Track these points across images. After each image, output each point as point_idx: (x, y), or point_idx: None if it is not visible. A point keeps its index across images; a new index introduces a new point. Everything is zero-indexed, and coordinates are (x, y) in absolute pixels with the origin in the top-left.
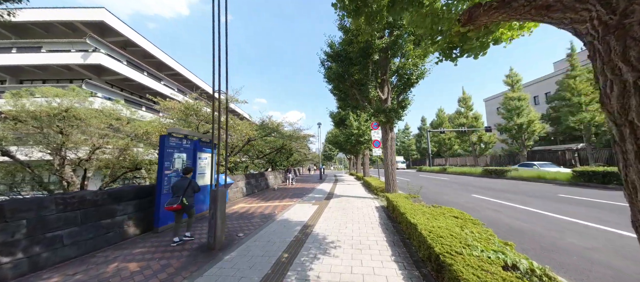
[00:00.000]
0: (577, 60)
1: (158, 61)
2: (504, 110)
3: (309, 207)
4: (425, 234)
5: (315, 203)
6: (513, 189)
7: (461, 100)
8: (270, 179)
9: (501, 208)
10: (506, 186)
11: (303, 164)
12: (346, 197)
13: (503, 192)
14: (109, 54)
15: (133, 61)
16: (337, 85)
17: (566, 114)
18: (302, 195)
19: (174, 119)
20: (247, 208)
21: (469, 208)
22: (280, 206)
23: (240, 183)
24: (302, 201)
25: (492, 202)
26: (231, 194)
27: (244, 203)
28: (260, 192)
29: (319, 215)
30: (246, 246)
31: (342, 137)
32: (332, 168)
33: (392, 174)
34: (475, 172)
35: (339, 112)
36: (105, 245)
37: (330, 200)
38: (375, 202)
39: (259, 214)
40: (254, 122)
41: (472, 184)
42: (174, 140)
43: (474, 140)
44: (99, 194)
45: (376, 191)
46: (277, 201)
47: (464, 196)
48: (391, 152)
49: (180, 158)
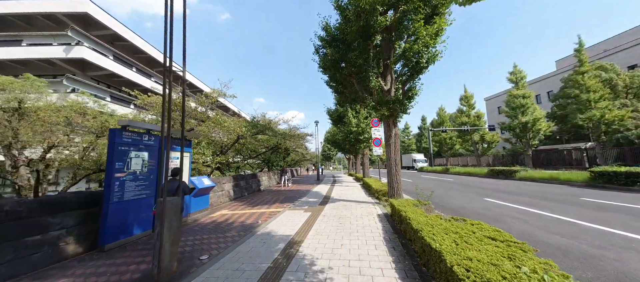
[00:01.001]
0: (585, 55)
1: (148, 57)
2: (508, 108)
3: (300, 215)
4: (462, 275)
5: (308, 210)
6: (527, 192)
7: (463, 98)
8: (263, 180)
9: (526, 216)
10: (518, 188)
11: (301, 164)
12: (344, 201)
13: (518, 195)
14: (94, 48)
15: (120, 56)
16: (333, 75)
17: (574, 112)
18: (295, 199)
19: (155, 115)
20: (228, 216)
21: (490, 218)
22: (267, 214)
23: (226, 185)
24: (293, 207)
25: (511, 208)
26: (214, 198)
27: (227, 209)
28: (250, 195)
29: (309, 227)
30: (204, 278)
31: (340, 135)
32: (331, 168)
33: (397, 175)
34: (480, 172)
35: (337, 109)
36: (28, 270)
37: (326, 206)
38: (377, 208)
39: (239, 225)
40: (244, 119)
41: (480, 185)
42: (129, 135)
43: (476, 139)
44: (23, 204)
45: (378, 194)
46: (265, 206)
47: (476, 201)
48: (395, 151)
49: (139, 158)
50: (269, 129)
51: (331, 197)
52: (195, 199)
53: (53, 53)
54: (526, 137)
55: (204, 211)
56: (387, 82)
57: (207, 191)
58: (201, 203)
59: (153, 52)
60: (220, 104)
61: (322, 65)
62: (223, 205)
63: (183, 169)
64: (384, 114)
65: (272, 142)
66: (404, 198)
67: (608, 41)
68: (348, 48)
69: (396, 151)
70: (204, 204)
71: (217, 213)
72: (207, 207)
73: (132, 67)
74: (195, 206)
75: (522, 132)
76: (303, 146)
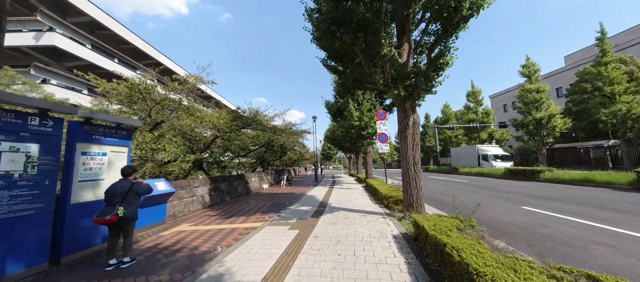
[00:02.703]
0: (608, 45)
1: (134, 48)
2: (521, 104)
3: (282, 235)
4: None
5: (295, 226)
6: (567, 197)
7: (470, 94)
8: (252, 182)
9: (610, 238)
10: (553, 192)
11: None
12: (344, 211)
13: (560, 201)
14: (69, 36)
15: (100, 45)
16: (330, 46)
17: (596, 107)
18: (282, 207)
19: (116, 104)
20: (182, 236)
21: (563, 243)
22: (238, 232)
23: (199, 190)
24: (276, 221)
25: (575, 224)
26: (180, 206)
27: (189, 223)
28: (233, 200)
29: (290, 261)
30: None
31: (340, 131)
32: (331, 168)
33: (416, 179)
34: (495, 172)
35: (337, 101)
36: None
37: (320, 218)
38: (389, 223)
39: (185, 256)
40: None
41: (503, 188)
42: None
43: (484, 137)
44: None
45: (387, 201)
46: (242, 218)
47: (515, 211)
48: (414, 145)
49: (19, 152)
50: (257, 122)
51: (328, 205)
52: (143, 210)
53: (22, 40)
54: (540, 135)
55: (156, 226)
56: (403, 51)
57: (162, 199)
58: (154, 215)
59: (139, 43)
60: (204, 93)
61: (315, 32)
62: (189, 216)
63: None
64: (399, 95)
65: (262, 138)
66: (430, 213)
67: (618, 36)
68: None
69: (415, 146)
70: (158, 216)
71: (171, 230)
72: (163, 220)
73: (113, 57)
74: (144, 220)
75: (535, 129)
76: (301, 144)
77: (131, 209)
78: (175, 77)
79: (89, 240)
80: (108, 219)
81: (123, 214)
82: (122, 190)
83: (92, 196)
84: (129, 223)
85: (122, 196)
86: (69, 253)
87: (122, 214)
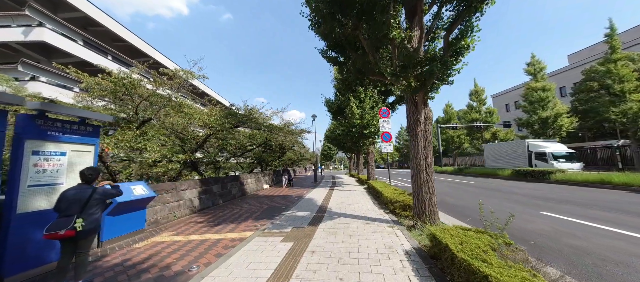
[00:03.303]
0: (618, 41)
1: (129, 45)
2: (526, 103)
3: (272, 249)
4: None
5: (289, 236)
6: (587, 200)
7: (473, 93)
8: (248, 183)
9: None
10: (570, 195)
11: (300, 163)
12: (345, 218)
13: (581, 206)
14: (60, 32)
15: (92, 42)
16: (330, 32)
17: (606, 105)
18: (278, 211)
19: (101, 100)
20: (160, 249)
21: (599, 255)
22: (223, 244)
23: (187, 193)
24: (268, 230)
25: (607, 232)
26: (164, 212)
27: (169, 233)
28: (226, 203)
29: None
30: None
31: (340, 130)
32: (331, 168)
33: (428, 182)
34: (502, 173)
35: (337, 98)
36: None
37: (319, 227)
38: (399, 234)
39: (154, 277)
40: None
41: (514, 190)
42: None
43: (487, 137)
44: None
45: (392, 206)
46: (231, 225)
47: (535, 217)
48: (426, 143)
49: None
50: (252, 120)
51: (328, 209)
52: (116, 218)
53: (10, 36)
54: (546, 135)
55: (133, 235)
56: (414, 35)
57: (140, 205)
58: (130, 223)
59: (134, 40)
60: (198, 90)
61: (314, 16)
62: (173, 223)
63: None
64: (409, 86)
65: (259, 137)
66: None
67: (622, 35)
68: None
69: (427, 144)
70: (135, 224)
71: (148, 241)
72: (141, 228)
73: (107, 54)
74: (119, 228)
75: (541, 129)
76: (300, 144)
77: (92, 220)
78: (163, 71)
79: (42, 256)
80: (62, 234)
81: (82, 228)
82: (81, 197)
83: (46, 204)
84: (88, 237)
85: (81, 205)
86: (14, 273)
87: (81, 228)
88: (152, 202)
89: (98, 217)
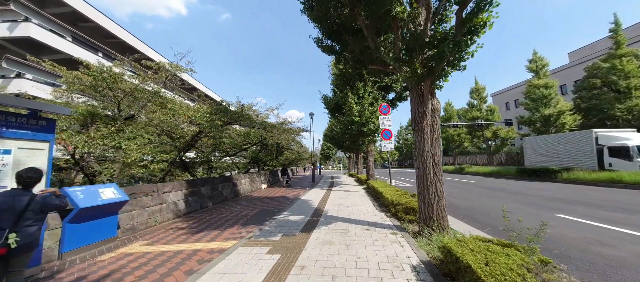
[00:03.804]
0: (622, 36)
1: (121, 42)
2: (528, 100)
3: (255, 263)
4: None
5: (277, 247)
6: (608, 202)
7: (474, 91)
8: (242, 184)
9: None
10: (584, 196)
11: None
12: (343, 222)
13: (602, 208)
14: (48, 27)
15: (82, 38)
16: (325, 15)
17: (611, 102)
18: (269, 216)
19: (77, 95)
20: (125, 262)
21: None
22: (199, 256)
23: (171, 196)
24: (253, 239)
25: None
26: (143, 217)
27: (145, 240)
28: (217, 205)
29: None
30: None
31: (338, 128)
32: (331, 168)
33: (437, 183)
34: (506, 172)
35: (335, 95)
36: None
37: (311, 235)
38: (402, 243)
39: None
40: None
41: (519, 190)
42: None
43: (488, 135)
44: None
45: (394, 209)
46: (214, 233)
47: (549, 219)
48: (433, 140)
49: None
50: (244, 117)
51: (325, 213)
52: (80, 226)
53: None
54: (548, 132)
55: (101, 244)
56: (419, 13)
57: (110, 211)
58: (98, 231)
59: (126, 36)
60: (188, 85)
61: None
62: (153, 229)
63: None
64: (414, 73)
65: (253, 136)
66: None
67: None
68: None
69: (435, 140)
70: (104, 232)
71: (117, 252)
72: (111, 237)
73: (97, 51)
74: (84, 237)
75: (544, 127)
76: (298, 143)
77: (28, 235)
78: (147, 63)
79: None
80: None
81: (16, 244)
82: (15, 206)
83: None
84: (22, 255)
85: (15, 216)
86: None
87: (15, 244)
88: (128, 206)
89: (35, 232)
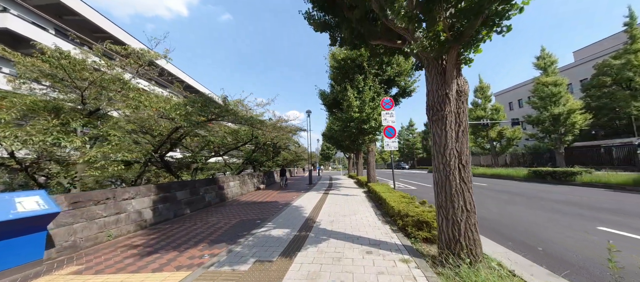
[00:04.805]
0: (638, 30)
1: (110, 37)
2: (536, 99)
3: None
4: None
5: (244, 280)
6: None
7: (478, 90)
8: (230, 187)
9: None
10: (616, 202)
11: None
12: (337, 240)
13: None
14: (30, 20)
15: (66, 31)
16: None
17: (626, 99)
18: (247, 228)
19: (42, 84)
20: None
21: None
22: None
23: (134, 203)
24: (211, 269)
25: None
26: (93, 230)
27: (79, 265)
28: (195, 212)
29: None
30: None
31: (337, 125)
32: (330, 168)
33: (464, 192)
34: (516, 174)
35: (333, 89)
36: None
37: (293, 261)
38: (416, 277)
39: None
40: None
41: (537, 195)
42: None
43: (492, 136)
44: None
45: (403, 222)
46: (170, 255)
47: (593, 234)
48: (459, 133)
49: None
50: (229, 112)
51: (316, 225)
52: None
53: None
54: (558, 132)
55: (18, 271)
56: None
57: (30, 225)
58: (11, 255)
59: (116, 31)
60: (178, 78)
61: None
62: (101, 246)
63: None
64: (435, 37)
65: (244, 134)
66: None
67: None
68: None
69: (462, 133)
70: (24, 254)
71: (37, 280)
72: (36, 260)
73: (83, 45)
74: None
75: (552, 126)
76: (296, 143)
77: None
78: (111, 47)
79: None
80: None
81: None
82: None
83: None
84: None
85: None
86: None
87: None
88: (68, 218)
89: None
